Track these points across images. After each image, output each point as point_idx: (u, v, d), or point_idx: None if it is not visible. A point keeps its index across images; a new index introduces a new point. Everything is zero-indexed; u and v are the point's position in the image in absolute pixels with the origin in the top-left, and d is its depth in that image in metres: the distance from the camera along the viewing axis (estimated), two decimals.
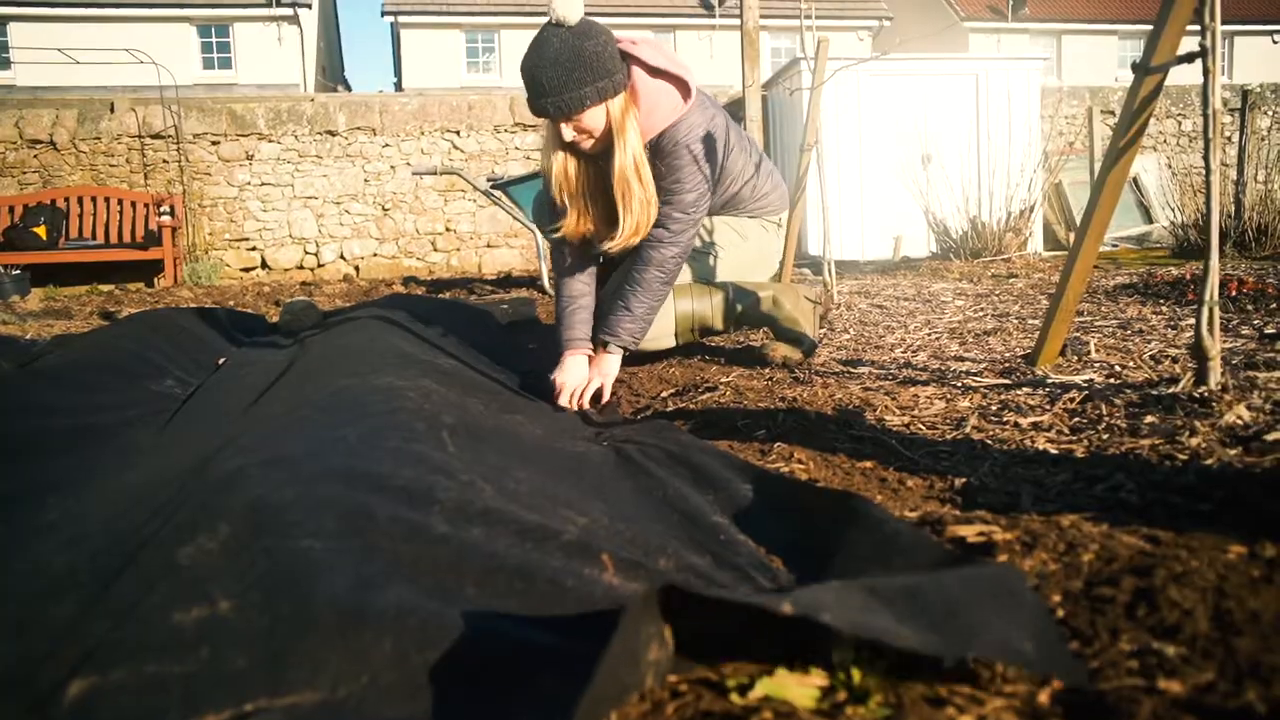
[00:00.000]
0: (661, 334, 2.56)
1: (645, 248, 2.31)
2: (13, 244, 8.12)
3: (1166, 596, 0.85)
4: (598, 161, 2.31)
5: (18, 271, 7.58)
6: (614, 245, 2.31)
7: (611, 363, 2.28)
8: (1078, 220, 9.15)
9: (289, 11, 19.36)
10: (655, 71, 2.23)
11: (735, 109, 9.76)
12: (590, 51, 2.12)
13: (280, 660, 0.74)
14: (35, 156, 8.78)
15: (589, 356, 2.33)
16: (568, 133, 2.20)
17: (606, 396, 2.24)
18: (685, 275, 2.64)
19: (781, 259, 3.44)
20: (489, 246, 9.68)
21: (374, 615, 0.78)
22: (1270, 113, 10.44)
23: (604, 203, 2.33)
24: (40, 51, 15.83)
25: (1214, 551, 0.94)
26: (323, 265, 9.39)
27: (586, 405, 2.18)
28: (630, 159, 2.21)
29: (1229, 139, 8.02)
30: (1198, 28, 1.64)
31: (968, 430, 1.67)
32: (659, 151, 2.29)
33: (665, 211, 2.29)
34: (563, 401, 2.18)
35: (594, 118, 2.18)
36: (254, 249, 9.25)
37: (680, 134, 2.28)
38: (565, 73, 2.12)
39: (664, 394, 2.22)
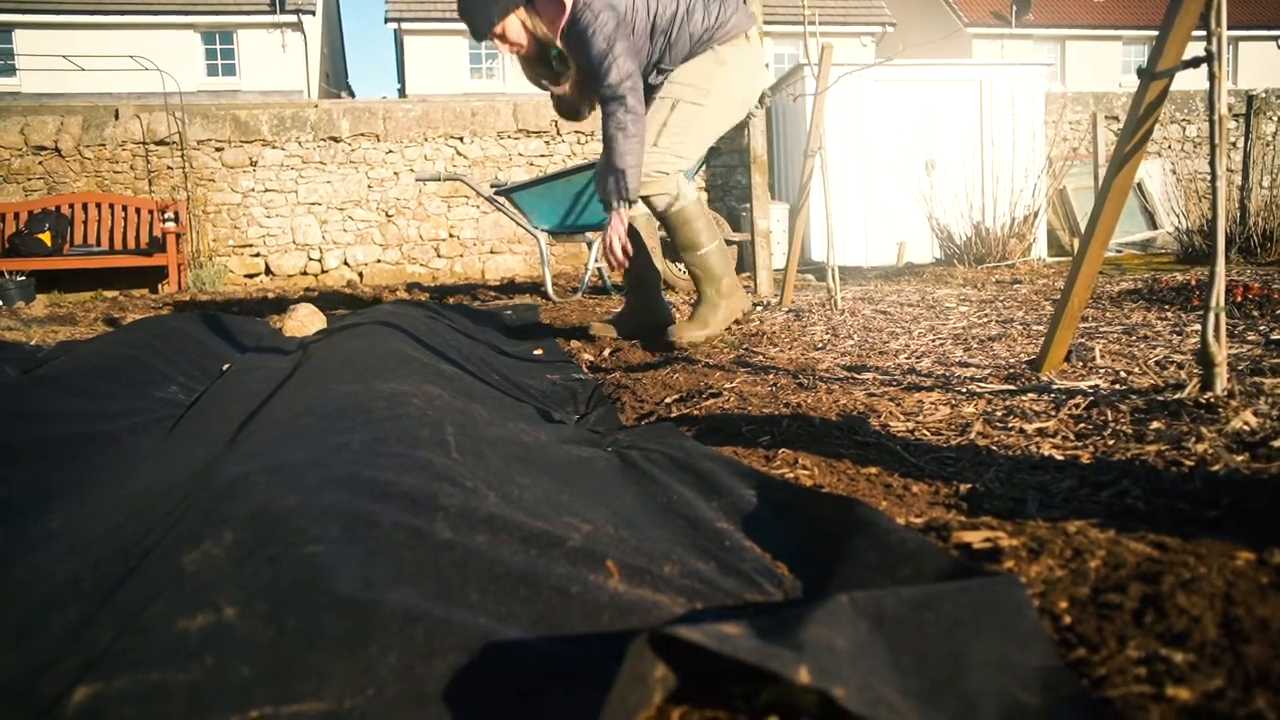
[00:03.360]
0: (660, 190, 2.96)
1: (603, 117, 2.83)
2: (18, 250, 8.15)
3: (1174, 603, 0.84)
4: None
5: (23, 277, 7.59)
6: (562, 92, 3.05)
7: (613, 221, 2.83)
8: (1082, 226, 9.15)
9: (293, 18, 19.40)
10: None
11: None
12: None
13: (286, 669, 0.74)
14: (40, 163, 8.81)
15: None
16: (501, 49, 2.90)
17: (615, 245, 2.84)
18: (699, 122, 2.99)
19: (786, 256, 3.90)
20: (492, 252, 9.70)
21: (380, 625, 0.78)
22: (1275, 118, 10.43)
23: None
24: (46, 58, 15.88)
25: (1222, 558, 0.94)
26: (326, 271, 9.40)
27: (616, 259, 2.86)
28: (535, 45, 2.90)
29: (1234, 144, 8.02)
30: (1203, 33, 1.64)
31: (973, 436, 1.67)
32: (567, 45, 2.84)
33: (598, 88, 2.80)
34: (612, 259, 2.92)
35: (512, 34, 2.83)
36: (258, 255, 9.27)
37: (569, 28, 2.79)
38: (469, 6, 2.81)
39: (668, 400, 2.22)
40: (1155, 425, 1.59)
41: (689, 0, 2.96)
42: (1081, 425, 1.67)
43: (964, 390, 2.06)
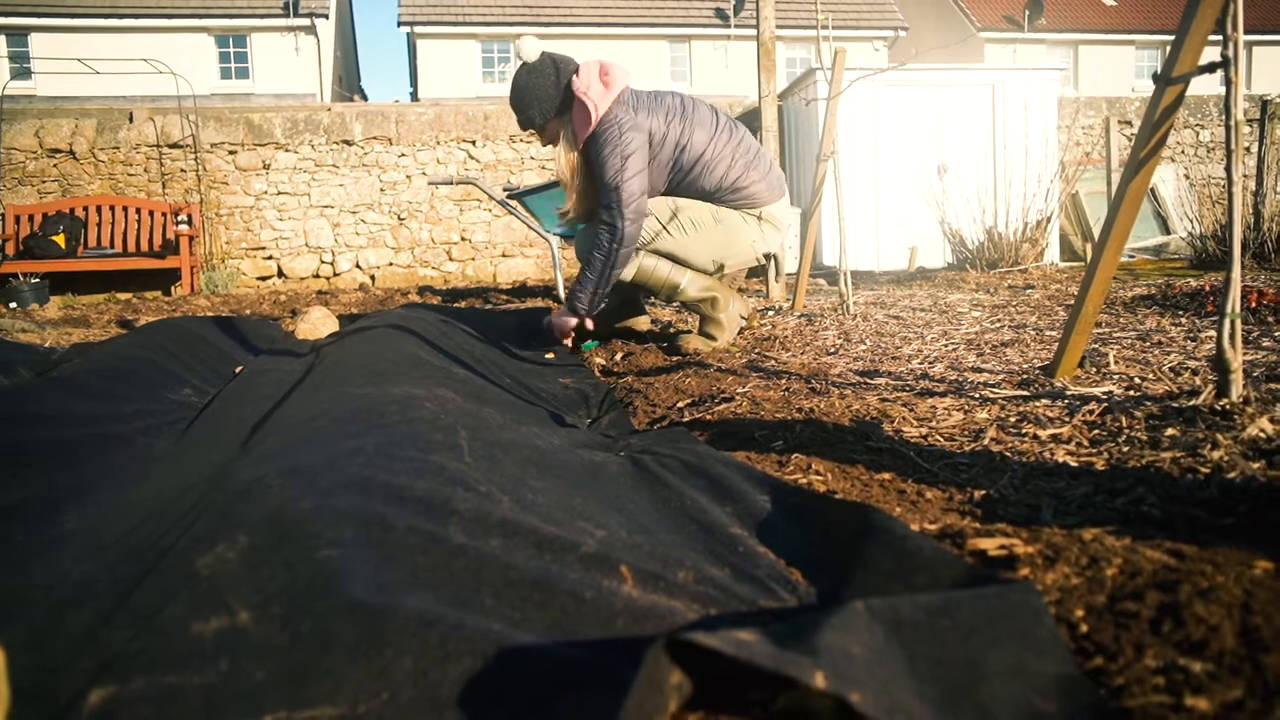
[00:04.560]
0: (624, 271, 3.17)
1: (595, 231, 3.01)
2: (32, 252, 8.20)
3: (1192, 612, 0.83)
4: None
5: (37, 280, 7.64)
6: (569, 216, 3.25)
7: (564, 318, 3.16)
8: (1094, 231, 9.10)
9: (306, 22, 19.50)
10: (575, 97, 2.99)
11: (751, 119, 9.76)
12: (531, 84, 3.02)
13: (300, 674, 0.74)
14: (55, 165, 8.87)
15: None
16: (541, 139, 3.16)
17: (556, 332, 3.20)
18: (665, 243, 3.20)
19: (798, 261, 4.06)
20: (504, 256, 9.71)
21: (394, 630, 0.78)
22: None
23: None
24: (61, 61, 16.00)
25: (1240, 566, 0.93)
26: (338, 274, 9.43)
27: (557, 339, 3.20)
28: (560, 158, 3.11)
29: (1248, 149, 7.97)
30: (1219, 38, 1.63)
31: (986, 442, 1.66)
32: (588, 152, 3.03)
33: (601, 196, 2.98)
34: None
35: (548, 132, 3.10)
36: (270, 258, 9.31)
37: (594, 136, 2.99)
38: (519, 99, 3.06)
39: (680, 404, 2.22)
40: (1170, 432, 1.58)
41: (717, 151, 3.09)
42: (1096, 431, 1.66)
43: (977, 396, 2.05)
